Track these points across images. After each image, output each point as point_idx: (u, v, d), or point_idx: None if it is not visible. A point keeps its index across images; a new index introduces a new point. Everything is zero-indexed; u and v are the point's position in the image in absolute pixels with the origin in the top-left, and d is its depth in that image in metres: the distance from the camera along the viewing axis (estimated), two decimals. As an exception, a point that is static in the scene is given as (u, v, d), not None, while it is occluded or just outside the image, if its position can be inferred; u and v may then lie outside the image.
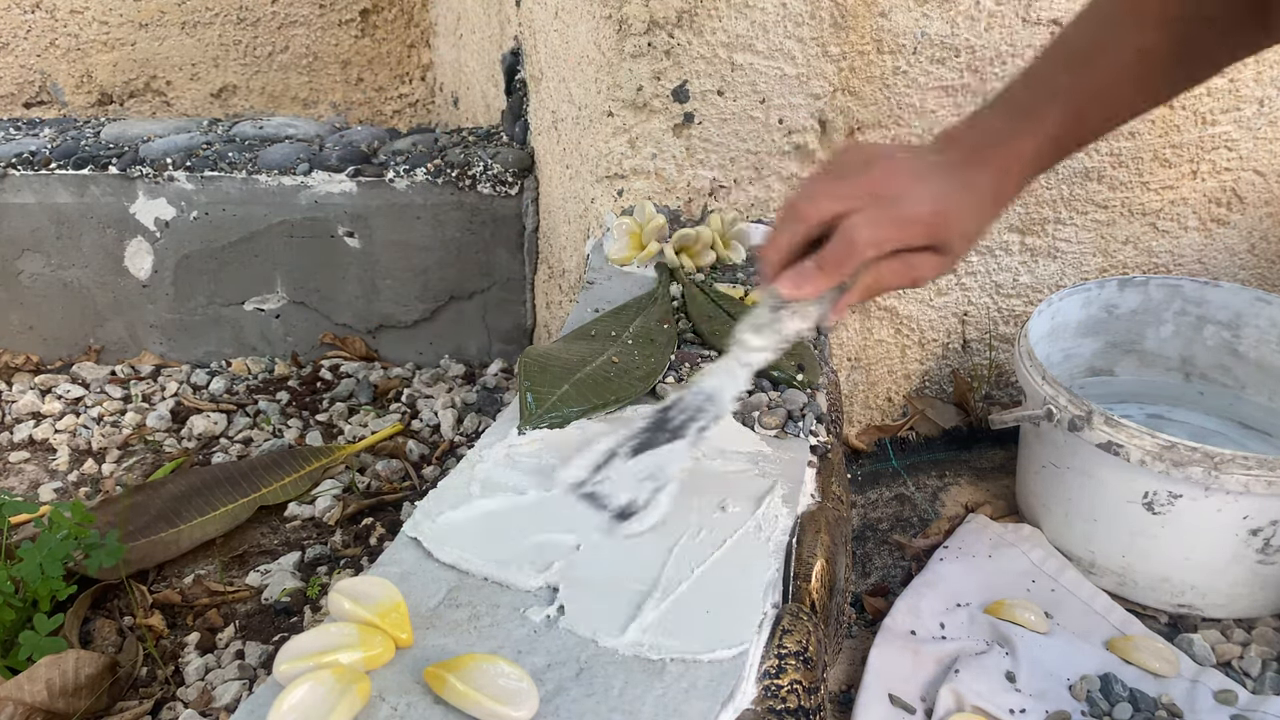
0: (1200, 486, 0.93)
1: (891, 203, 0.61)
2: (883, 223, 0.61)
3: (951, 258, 0.64)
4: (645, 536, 0.61)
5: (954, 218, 0.63)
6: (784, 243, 0.64)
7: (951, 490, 1.20)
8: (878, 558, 1.09)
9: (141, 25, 2.18)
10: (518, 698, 0.47)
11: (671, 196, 1.10)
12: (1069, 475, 1.03)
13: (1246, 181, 1.27)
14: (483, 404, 1.45)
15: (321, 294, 1.54)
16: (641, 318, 0.87)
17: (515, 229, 1.50)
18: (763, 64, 1.05)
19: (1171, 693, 0.88)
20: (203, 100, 2.28)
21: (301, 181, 1.46)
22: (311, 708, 0.45)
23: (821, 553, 0.63)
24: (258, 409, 1.44)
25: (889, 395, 1.30)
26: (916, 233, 0.62)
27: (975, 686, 0.85)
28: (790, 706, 0.52)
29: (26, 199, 1.47)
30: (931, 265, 0.64)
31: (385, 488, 1.26)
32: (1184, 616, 1.01)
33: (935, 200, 0.62)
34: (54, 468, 1.32)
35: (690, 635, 0.53)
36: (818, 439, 0.75)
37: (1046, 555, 1.05)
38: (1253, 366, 1.21)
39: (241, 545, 1.15)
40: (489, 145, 1.55)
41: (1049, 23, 1.11)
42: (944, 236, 0.63)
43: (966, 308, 1.27)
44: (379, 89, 2.34)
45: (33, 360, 1.56)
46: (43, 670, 0.89)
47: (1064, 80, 0.65)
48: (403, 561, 0.58)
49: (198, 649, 1.00)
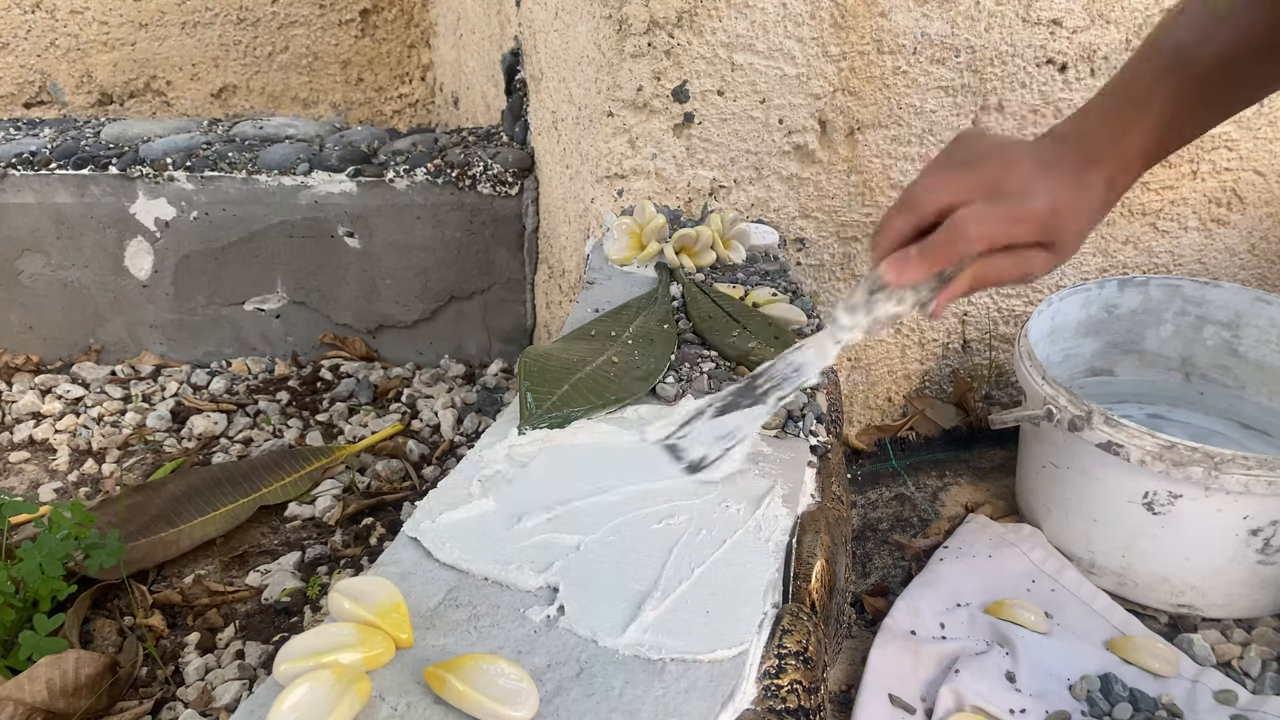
0: (1200, 486, 0.93)
1: (1008, 198, 0.62)
2: (996, 218, 0.62)
3: (1061, 255, 0.65)
4: (645, 536, 0.61)
5: (1069, 216, 0.63)
6: (895, 228, 0.64)
7: (951, 490, 1.20)
8: (878, 558, 1.09)
9: (141, 25, 2.18)
10: (518, 698, 0.47)
11: (671, 196, 1.10)
12: (1069, 475, 1.03)
13: (1246, 181, 1.27)
14: (483, 404, 1.45)
15: (321, 294, 1.54)
16: (641, 318, 0.87)
17: (515, 229, 1.50)
18: (763, 64, 1.05)
19: (1171, 693, 0.88)
20: (203, 100, 2.28)
21: (301, 181, 1.46)
22: (311, 708, 0.45)
23: (821, 553, 0.63)
24: (258, 409, 1.44)
25: (889, 395, 1.30)
26: (1030, 230, 0.63)
27: (975, 686, 0.85)
28: (790, 706, 0.52)
29: (26, 199, 1.47)
30: (1042, 261, 0.64)
31: (385, 488, 1.26)
32: (1184, 616, 1.01)
33: (1052, 198, 0.62)
34: (54, 468, 1.32)
35: (690, 635, 0.53)
36: (818, 439, 0.75)
37: (1046, 555, 1.05)
38: (1253, 366, 1.21)
39: (241, 545, 1.15)
40: (489, 145, 1.55)
41: (1049, 23, 1.11)
42: (1058, 234, 0.63)
43: (966, 308, 1.27)
44: (379, 89, 2.34)
45: (33, 360, 1.56)
46: (43, 670, 0.89)
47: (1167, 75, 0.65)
48: (403, 561, 0.58)
49: (198, 649, 1.00)
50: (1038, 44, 1.12)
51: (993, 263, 0.63)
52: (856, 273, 1.20)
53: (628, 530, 0.61)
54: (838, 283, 1.21)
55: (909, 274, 0.63)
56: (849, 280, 1.21)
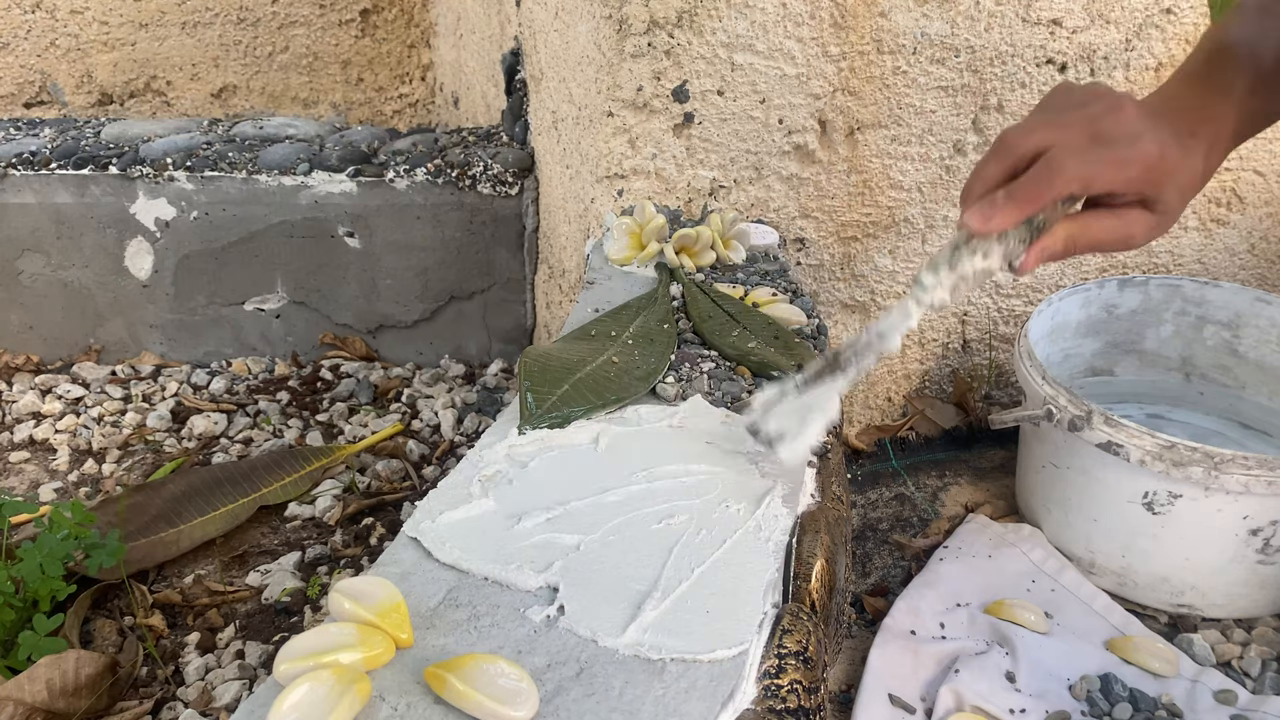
0: (1200, 486, 0.93)
1: (1111, 142, 0.57)
2: (1095, 160, 0.57)
3: (1164, 219, 0.60)
4: (645, 536, 0.61)
5: (1176, 171, 0.59)
6: (987, 175, 0.60)
7: (951, 490, 1.20)
8: (878, 558, 1.09)
9: (142, 25, 2.18)
10: (518, 698, 0.47)
11: (671, 196, 1.10)
12: (1069, 475, 1.03)
13: (1246, 181, 1.27)
14: (483, 404, 1.45)
15: (321, 294, 1.54)
16: (641, 318, 0.87)
17: (515, 229, 1.50)
18: (763, 64, 1.05)
19: (1171, 693, 0.88)
20: (203, 100, 2.28)
21: (301, 181, 1.46)
22: (311, 708, 0.45)
23: (821, 553, 0.63)
24: (258, 409, 1.44)
25: (889, 395, 1.30)
26: (1132, 176, 0.58)
27: (975, 686, 0.85)
28: (790, 706, 0.52)
29: (27, 199, 1.47)
30: (1144, 225, 0.60)
31: (385, 488, 1.26)
32: (1184, 616, 1.01)
33: (1161, 146, 0.58)
34: (54, 468, 1.32)
35: (690, 635, 0.53)
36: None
37: (1046, 555, 1.05)
38: (1253, 366, 1.21)
39: (241, 545, 1.15)
40: (489, 145, 1.55)
41: (1049, 23, 1.11)
42: (1161, 187, 0.59)
43: (966, 308, 1.27)
44: (379, 89, 2.34)
45: (33, 360, 1.56)
46: (43, 670, 0.89)
47: (1240, 70, 0.64)
48: (403, 561, 0.58)
49: (198, 649, 1.00)
50: (1037, 44, 1.12)
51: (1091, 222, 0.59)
52: (856, 272, 1.20)
53: (628, 530, 0.61)
54: (838, 282, 1.21)
55: (997, 220, 0.58)
56: (849, 280, 1.21)
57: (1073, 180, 0.57)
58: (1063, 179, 0.57)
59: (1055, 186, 0.57)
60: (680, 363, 0.81)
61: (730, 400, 0.76)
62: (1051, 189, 0.57)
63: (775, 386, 0.68)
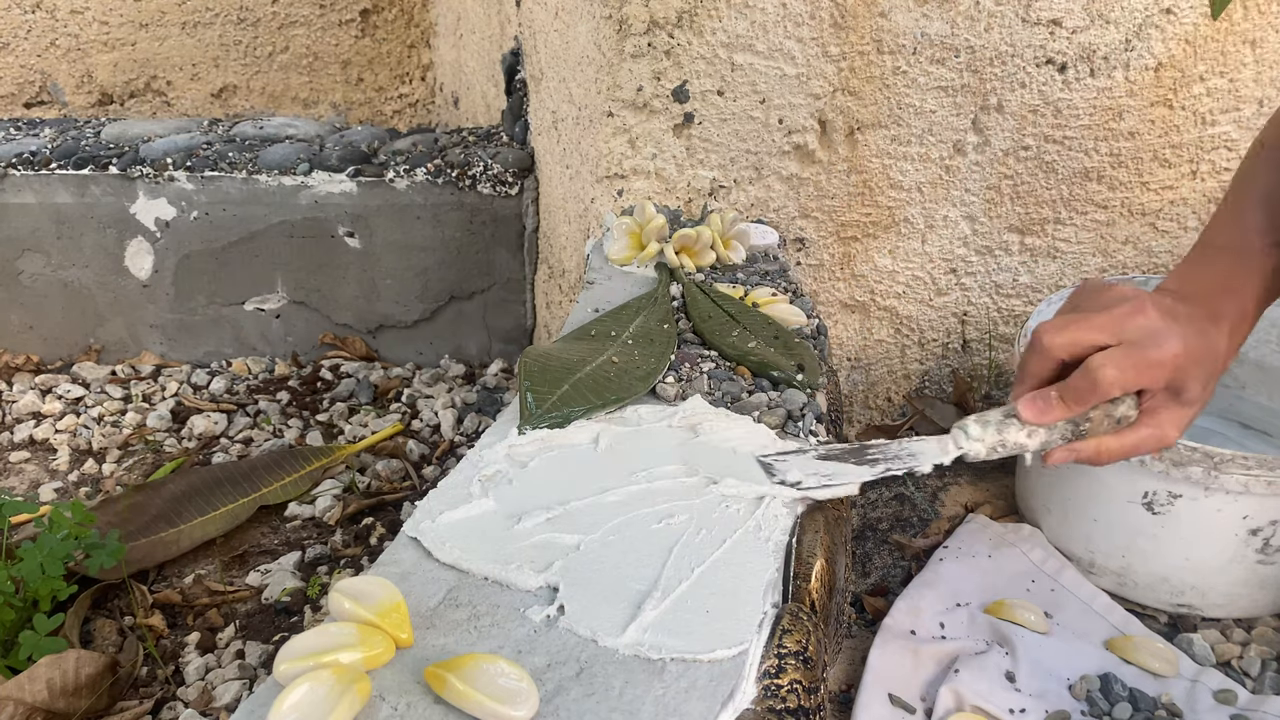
0: (1200, 486, 0.93)
1: (1138, 344, 0.65)
2: (1129, 363, 0.64)
3: (1193, 407, 0.67)
4: (645, 536, 0.61)
5: (1199, 359, 0.66)
6: (1032, 371, 0.68)
7: (951, 490, 1.20)
8: (878, 558, 1.09)
9: (142, 25, 2.18)
10: (518, 698, 0.47)
11: (671, 196, 1.10)
12: (1069, 475, 1.03)
13: (1246, 181, 1.27)
14: (483, 404, 1.46)
15: (321, 294, 1.54)
16: (641, 318, 0.87)
17: (515, 229, 1.50)
18: (763, 64, 1.05)
19: (1171, 693, 0.88)
20: (203, 100, 2.28)
21: (302, 181, 1.46)
22: (311, 707, 0.45)
23: (821, 553, 0.63)
24: (258, 409, 1.44)
25: (889, 395, 1.30)
26: (1159, 375, 0.65)
27: (975, 686, 0.85)
28: (790, 706, 0.52)
29: (27, 199, 1.47)
30: (1175, 422, 0.67)
31: (385, 488, 1.26)
32: (1184, 616, 1.01)
33: (1183, 341, 0.65)
34: (54, 468, 1.32)
35: (690, 635, 0.53)
36: (818, 439, 0.75)
37: (1046, 555, 1.05)
38: (1253, 366, 1.21)
39: (242, 545, 1.15)
40: (489, 145, 1.55)
41: (1049, 23, 1.11)
42: (1186, 378, 0.66)
43: (966, 308, 1.27)
44: (379, 89, 2.34)
45: (33, 360, 1.56)
46: (43, 670, 0.89)
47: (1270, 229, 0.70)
48: (403, 561, 0.58)
49: (198, 649, 1.00)
50: (1037, 44, 1.12)
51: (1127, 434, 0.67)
52: (856, 272, 1.20)
53: (628, 530, 0.61)
54: (837, 282, 1.21)
55: (1049, 415, 0.66)
56: (848, 280, 1.21)
57: (1113, 386, 0.65)
58: (1103, 388, 0.65)
59: (1098, 393, 0.65)
60: (680, 363, 0.81)
61: (730, 400, 0.76)
62: (1095, 395, 0.65)
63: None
